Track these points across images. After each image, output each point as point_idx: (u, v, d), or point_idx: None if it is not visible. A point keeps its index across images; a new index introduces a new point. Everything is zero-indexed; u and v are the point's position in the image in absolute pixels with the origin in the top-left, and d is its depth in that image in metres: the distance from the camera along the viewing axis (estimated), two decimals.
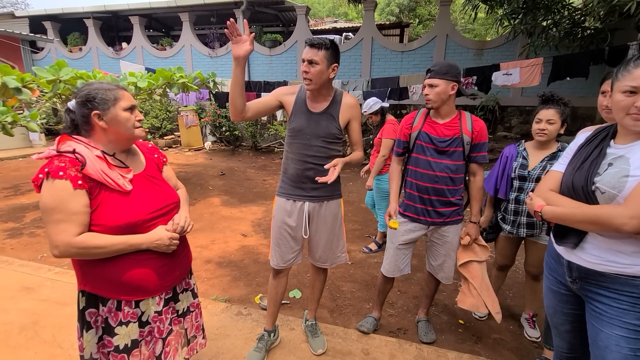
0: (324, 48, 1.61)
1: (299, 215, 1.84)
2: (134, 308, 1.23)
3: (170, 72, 4.86)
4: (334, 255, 1.97)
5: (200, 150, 9.35)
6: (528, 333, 2.22)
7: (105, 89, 1.18)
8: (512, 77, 5.76)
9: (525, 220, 2.01)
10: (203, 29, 11.37)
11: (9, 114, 3.82)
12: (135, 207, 1.18)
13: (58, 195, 1.06)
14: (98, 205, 1.13)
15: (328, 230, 1.89)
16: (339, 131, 1.79)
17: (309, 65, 1.63)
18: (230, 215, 4.46)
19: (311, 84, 1.67)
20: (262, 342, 1.95)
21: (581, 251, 1.18)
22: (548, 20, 6.09)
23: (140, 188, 1.23)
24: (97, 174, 1.11)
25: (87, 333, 1.22)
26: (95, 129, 1.19)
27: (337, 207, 1.91)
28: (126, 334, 1.22)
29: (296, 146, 1.80)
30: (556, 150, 1.95)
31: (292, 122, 1.80)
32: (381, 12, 16.95)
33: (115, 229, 1.14)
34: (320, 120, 1.76)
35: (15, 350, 1.95)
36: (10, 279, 2.72)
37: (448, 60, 1.75)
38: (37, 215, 4.29)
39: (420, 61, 8.43)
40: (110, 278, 1.17)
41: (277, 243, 1.90)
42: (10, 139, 7.50)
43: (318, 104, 1.77)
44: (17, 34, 9.63)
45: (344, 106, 1.78)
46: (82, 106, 1.16)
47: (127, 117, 1.19)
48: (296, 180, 1.82)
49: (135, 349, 1.25)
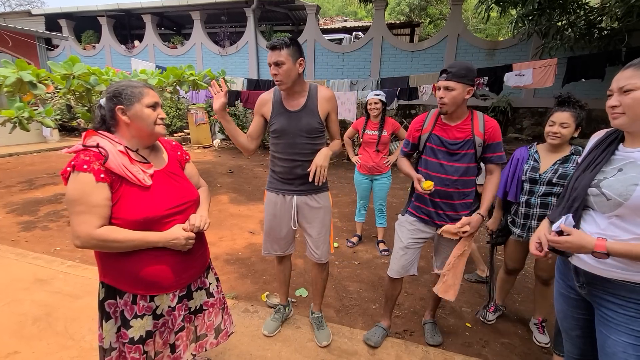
0: (284, 47, 1.67)
1: (288, 208, 1.93)
2: (149, 302, 1.26)
3: (180, 70, 4.91)
4: (327, 249, 2.02)
5: (209, 147, 9.44)
6: (537, 338, 2.19)
7: (133, 86, 1.23)
8: (525, 78, 5.67)
9: (536, 224, 1.98)
10: (214, 28, 11.45)
11: (25, 110, 3.91)
12: (154, 203, 1.21)
13: (81, 187, 1.10)
14: (119, 199, 1.16)
15: (319, 223, 1.95)
16: (321, 125, 1.84)
17: (276, 67, 1.69)
18: (238, 213, 4.49)
19: (283, 83, 1.74)
20: (278, 314, 2.18)
21: (587, 256, 1.16)
22: (563, 21, 5.98)
23: (160, 184, 1.26)
24: (119, 168, 1.15)
25: (106, 323, 1.26)
26: (119, 124, 1.23)
27: (326, 200, 1.98)
28: (141, 327, 1.25)
29: (281, 146, 1.86)
30: (569, 153, 1.91)
31: (273, 125, 1.86)
32: (391, 12, 16.85)
33: (134, 223, 1.17)
34: (300, 117, 1.81)
35: (29, 341, 2.00)
36: (24, 271, 2.79)
37: (465, 62, 1.69)
38: (50, 209, 4.39)
39: (431, 61, 8.36)
40: (127, 272, 1.20)
41: (267, 233, 2.04)
42: (24, 135, 7.70)
43: (295, 101, 1.83)
44: (33, 32, 9.84)
45: (321, 99, 1.83)
46: (109, 101, 1.21)
47: (149, 114, 1.23)
48: (284, 177, 1.90)
49: (149, 339, 1.28)
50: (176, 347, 1.36)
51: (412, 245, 1.96)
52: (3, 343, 1.97)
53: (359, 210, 3.61)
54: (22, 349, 1.93)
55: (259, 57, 9.86)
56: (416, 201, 1.95)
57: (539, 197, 1.95)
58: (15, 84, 3.54)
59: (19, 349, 1.93)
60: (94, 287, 2.51)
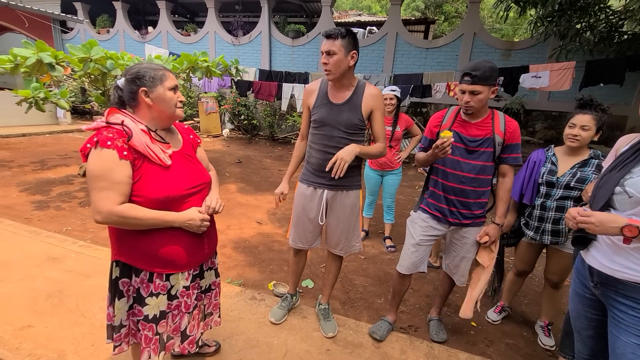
0: (340, 37, 1.64)
1: (318, 202, 1.91)
2: (165, 281, 1.28)
3: (194, 57, 4.91)
4: (349, 244, 2.02)
5: (218, 137, 9.47)
6: (542, 341, 2.19)
7: (154, 68, 1.24)
8: (541, 80, 5.59)
9: (551, 227, 1.96)
10: (227, 17, 11.41)
11: (41, 90, 3.96)
12: (174, 182, 1.24)
13: (104, 163, 1.12)
14: (140, 177, 1.18)
15: (345, 219, 1.94)
16: (361, 122, 1.80)
17: (328, 56, 1.67)
18: (246, 203, 4.52)
19: (331, 73, 1.70)
20: (285, 302, 2.21)
21: (601, 256, 1.18)
22: (583, 23, 5.86)
23: (178, 164, 1.28)
24: (142, 146, 1.16)
25: (118, 301, 1.29)
26: (140, 106, 1.24)
27: (356, 198, 1.95)
28: (156, 305, 1.28)
29: (318, 136, 1.85)
30: (588, 157, 1.88)
31: (314, 115, 1.85)
32: (406, 7, 16.62)
33: (154, 201, 1.19)
34: (342, 111, 1.78)
35: (42, 316, 2.05)
36: (37, 248, 2.84)
37: (487, 62, 1.63)
38: (62, 190, 4.46)
39: (445, 59, 8.25)
40: (145, 251, 1.23)
41: (295, 224, 2.03)
42: (37, 116, 7.77)
43: (340, 94, 1.80)
44: (49, 13, 9.89)
45: (367, 96, 1.79)
46: (131, 83, 1.21)
47: (171, 97, 1.25)
48: (317, 169, 1.87)
49: (162, 320, 1.31)
50: (190, 329, 1.39)
51: (424, 242, 1.96)
52: (18, 316, 2.02)
53: (367, 205, 3.61)
54: (36, 323, 1.98)
55: (271, 48, 9.82)
56: (429, 198, 1.94)
57: (555, 200, 1.93)
58: (35, 65, 3.58)
59: (33, 323, 1.98)
60: (104, 268, 2.57)
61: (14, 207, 3.78)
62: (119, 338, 1.32)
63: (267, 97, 7.75)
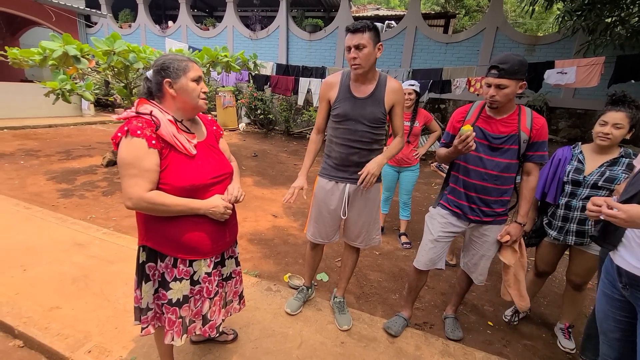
0: (367, 30, 1.63)
1: (340, 197, 1.91)
2: (188, 267, 1.33)
3: (215, 52, 4.97)
4: (370, 237, 2.02)
5: (234, 131, 9.57)
6: (562, 343, 2.14)
7: (179, 59, 1.26)
8: (567, 76, 5.38)
9: (575, 227, 1.89)
10: (246, 11, 11.47)
11: (68, 82, 4.10)
12: (199, 171, 1.27)
13: (134, 152, 1.16)
14: (167, 165, 1.21)
15: (366, 213, 1.94)
16: (384, 115, 1.80)
17: (357, 50, 1.65)
18: (261, 196, 4.57)
19: (360, 67, 1.69)
20: (301, 294, 2.23)
21: (630, 256, 1.15)
22: (614, 17, 5.59)
23: (203, 154, 1.32)
24: (169, 136, 1.20)
25: (145, 285, 1.34)
26: (166, 96, 1.28)
27: (376, 192, 1.95)
28: (179, 290, 1.32)
29: (341, 131, 1.83)
30: (618, 156, 1.80)
31: (336, 109, 1.83)
32: (426, 1, 16.28)
33: (180, 189, 1.23)
34: (365, 105, 1.77)
35: (69, 298, 2.14)
36: (63, 234, 2.97)
37: (516, 56, 1.56)
38: (86, 180, 4.62)
39: (465, 54, 8.06)
40: (170, 237, 1.27)
41: (315, 219, 2.02)
42: (63, 107, 8.04)
43: (364, 87, 1.79)
44: (74, 8, 10.19)
45: (389, 90, 1.78)
46: (157, 74, 1.25)
47: (194, 87, 1.28)
48: (340, 163, 1.87)
49: (185, 304, 1.35)
50: (212, 314, 1.43)
51: (442, 238, 1.93)
52: (47, 298, 2.12)
53: (383, 201, 3.58)
54: (63, 305, 2.07)
55: (288, 42, 9.82)
56: (449, 194, 1.92)
57: (581, 200, 1.86)
58: (61, 57, 3.71)
59: (60, 305, 2.07)
60: (127, 254, 2.67)
61: (42, 195, 3.95)
62: (146, 320, 1.37)
63: (283, 91, 7.78)
